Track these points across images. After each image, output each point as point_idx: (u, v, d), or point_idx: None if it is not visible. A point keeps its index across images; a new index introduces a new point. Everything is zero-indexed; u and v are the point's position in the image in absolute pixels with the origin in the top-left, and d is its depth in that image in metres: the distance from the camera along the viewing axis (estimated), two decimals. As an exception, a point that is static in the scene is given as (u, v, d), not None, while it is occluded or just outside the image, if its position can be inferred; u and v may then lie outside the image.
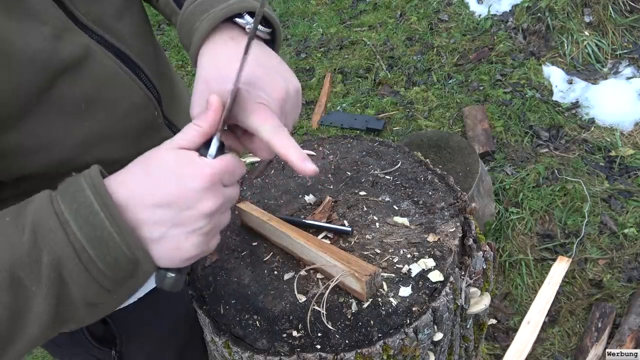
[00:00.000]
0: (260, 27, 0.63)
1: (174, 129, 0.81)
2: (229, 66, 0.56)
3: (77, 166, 0.63)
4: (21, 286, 0.47)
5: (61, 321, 0.50)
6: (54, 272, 0.48)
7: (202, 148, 0.55)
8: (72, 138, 0.63)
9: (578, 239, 2.10)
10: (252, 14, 0.62)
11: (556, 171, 2.36)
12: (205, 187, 0.51)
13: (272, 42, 0.67)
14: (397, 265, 0.85)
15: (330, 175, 1.06)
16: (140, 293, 0.85)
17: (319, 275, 0.86)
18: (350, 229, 0.92)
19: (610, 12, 2.80)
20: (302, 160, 0.55)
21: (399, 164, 1.06)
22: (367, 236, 0.92)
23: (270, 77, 0.59)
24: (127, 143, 0.70)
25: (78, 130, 0.63)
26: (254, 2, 0.63)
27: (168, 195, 0.50)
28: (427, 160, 1.07)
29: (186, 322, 0.95)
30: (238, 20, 0.62)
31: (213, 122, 0.54)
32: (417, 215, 0.94)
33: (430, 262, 0.85)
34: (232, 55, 0.58)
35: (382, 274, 0.84)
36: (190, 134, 0.54)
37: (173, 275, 0.55)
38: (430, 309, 0.78)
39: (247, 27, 0.62)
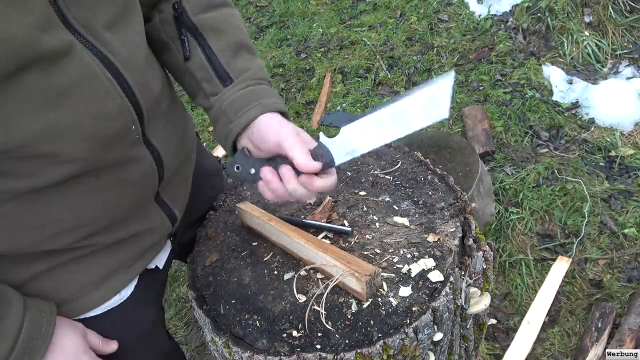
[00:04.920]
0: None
1: (152, 148, 0.78)
2: (299, 130, 0.79)
3: (37, 153, 0.65)
4: None
5: None
6: None
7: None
8: (34, 124, 0.63)
9: (578, 239, 2.10)
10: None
11: (556, 171, 2.36)
12: None
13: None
14: (397, 265, 0.85)
15: (330, 175, 1.06)
16: (98, 310, 0.85)
17: (319, 275, 0.86)
18: (350, 229, 0.92)
19: (610, 12, 2.80)
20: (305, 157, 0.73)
21: (399, 164, 1.06)
22: (367, 236, 0.92)
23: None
24: (93, 146, 0.69)
25: (42, 119, 0.63)
26: (283, 106, 0.84)
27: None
28: (427, 160, 1.07)
29: (145, 345, 0.95)
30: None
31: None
32: (417, 215, 0.94)
33: (430, 262, 0.85)
34: (293, 127, 0.79)
35: (382, 274, 0.84)
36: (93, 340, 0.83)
37: None
38: (430, 309, 0.78)
39: None
